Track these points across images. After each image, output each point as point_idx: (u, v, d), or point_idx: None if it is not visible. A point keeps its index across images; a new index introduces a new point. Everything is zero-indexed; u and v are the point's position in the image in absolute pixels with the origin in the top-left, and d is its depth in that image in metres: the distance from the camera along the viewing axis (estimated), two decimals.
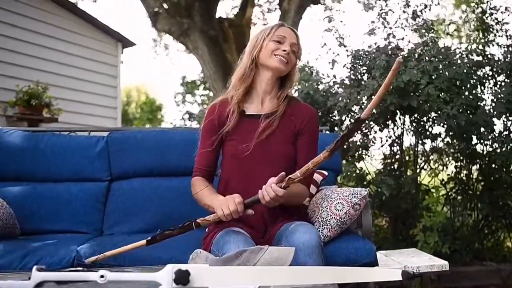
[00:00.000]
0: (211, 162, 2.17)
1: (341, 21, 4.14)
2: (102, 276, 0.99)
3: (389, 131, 3.97)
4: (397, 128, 3.96)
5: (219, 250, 1.85)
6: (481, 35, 4.18)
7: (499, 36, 4.07)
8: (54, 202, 2.74)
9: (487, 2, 4.11)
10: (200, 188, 2.10)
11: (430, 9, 3.97)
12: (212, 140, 2.15)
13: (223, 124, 2.13)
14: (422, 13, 3.96)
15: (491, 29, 4.08)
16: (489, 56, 3.92)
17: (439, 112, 3.53)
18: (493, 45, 4.06)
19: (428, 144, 4.09)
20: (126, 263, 2.18)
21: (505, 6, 4.07)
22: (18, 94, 5.56)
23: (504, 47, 3.91)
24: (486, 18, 4.13)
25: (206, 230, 2.18)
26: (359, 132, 3.78)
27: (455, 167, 4.08)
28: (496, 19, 4.09)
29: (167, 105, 22.10)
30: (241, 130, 2.11)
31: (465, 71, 3.58)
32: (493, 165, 3.86)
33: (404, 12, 3.98)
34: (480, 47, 4.03)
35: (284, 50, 2.08)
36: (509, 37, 4.01)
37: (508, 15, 4.07)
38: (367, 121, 3.60)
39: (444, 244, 3.50)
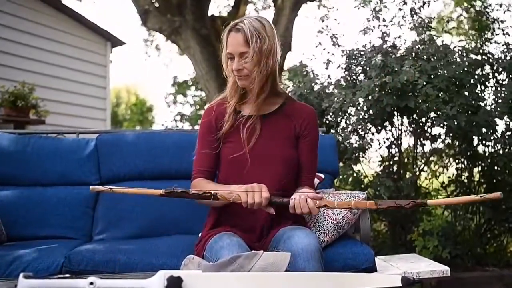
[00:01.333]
0: (211, 163, 2.12)
1: (335, 19, 4.09)
2: (91, 283, 0.98)
3: (386, 133, 3.93)
4: (395, 129, 3.91)
5: (212, 255, 1.83)
6: (477, 34, 4.17)
7: (496, 34, 4.07)
8: (41, 207, 2.68)
9: (482, 1, 4.10)
10: (208, 184, 2.04)
11: (428, 6, 3.90)
12: (210, 141, 2.11)
13: (220, 125, 2.10)
14: (420, 10, 3.89)
15: (487, 28, 4.08)
16: (488, 55, 3.88)
17: (438, 112, 3.48)
18: (491, 43, 4.05)
19: (428, 146, 4.04)
20: (117, 269, 2.14)
21: (500, 3, 4.06)
22: (4, 95, 5.48)
23: (503, 45, 3.88)
24: (482, 16, 4.12)
25: (199, 235, 2.15)
26: (356, 134, 3.73)
27: (456, 169, 4.04)
28: (492, 17, 4.08)
29: (158, 106, 21.96)
30: (238, 132, 2.07)
31: (464, 69, 3.55)
32: (496, 167, 3.80)
33: (400, 9, 3.92)
34: (478, 45, 4.00)
35: (235, 69, 2.01)
36: (507, 35, 3.99)
37: (504, 12, 4.06)
38: (363, 122, 3.55)
39: (445, 249, 3.46)
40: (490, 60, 3.85)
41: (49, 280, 1.02)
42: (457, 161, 4.02)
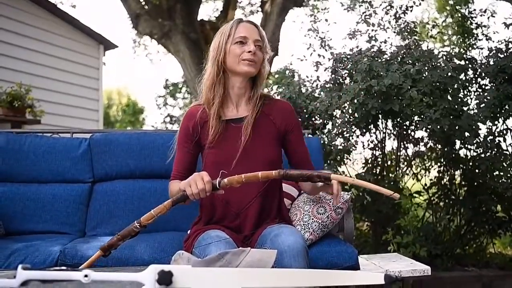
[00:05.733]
0: (187, 167, 2.13)
1: (326, 20, 4.06)
2: (86, 276, 0.99)
3: (371, 135, 3.94)
4: (379, 132, 3.93)
5: (201, 252, 1.85)
6: (461, 40, 4.20)
7: (479, 40, 4.09)
8: (37, 203, 2.76)
9: (466, 7, 4.13)
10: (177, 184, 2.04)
11: (411, 11, 3.91)
12: (188, 146, 2.13)
13: (198, 130, 2.11)
14: (404, 14, 3.90)
15: (471, 34, 4.10)
16: (472, 60, 3.88)
17: (422, 116, 3.48)
18: (474, 48, 4.07)
19: (411, 149, 4.06)
20: (109, 263, 2.19)
21: (484, 9, 4.08)
22: (1, 95, 5.51)
23: (487, 50, 3.87)
24: (466, 22, 4.15)
25: (188, 232, 2.18)
26: (341, 136, 3.72)
27: (438, 172, 4.03)
28: (476, 23, 4.11)
29: (148, 108, 21.81)
30: (220, 137, 2.08)
31: (448, 74, 3.54)
32: (477, 170, 3.79)
33: (386, 13, 3.92)
34: (462, 51, 4.01)
35: (250, 51, 2.02)
36: (490, 40, 4.02)
37: (488, 18, 4.08)
38: (348, 125, 3.58)
39: (423, 248, 3.48)
40: (473, 65, 3.85)
41: (46, 272, 1.04)
42: (439, 164, 4.03)
